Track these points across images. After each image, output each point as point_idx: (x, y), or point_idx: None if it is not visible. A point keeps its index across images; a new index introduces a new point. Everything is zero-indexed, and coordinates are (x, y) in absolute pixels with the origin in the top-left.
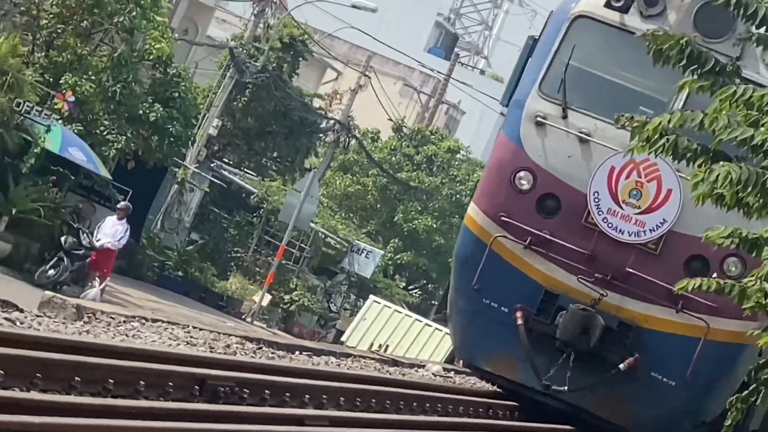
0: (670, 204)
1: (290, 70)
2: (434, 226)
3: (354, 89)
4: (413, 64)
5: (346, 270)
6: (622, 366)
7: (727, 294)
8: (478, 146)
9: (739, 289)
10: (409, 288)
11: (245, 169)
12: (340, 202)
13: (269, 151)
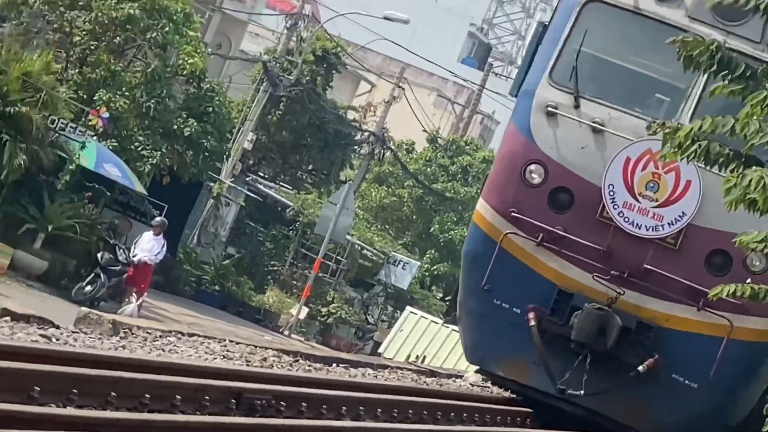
0: (690, 196)
1: (324, 83)
2: None
3: (388, 101)
4: (447, 75)
5: (383, 282)
6: (641, 368)
7: (761, 300)
8: None
9: None
10: (446, 299)
11: (280, 183)
12: (375, 213)
13: (304, 164)
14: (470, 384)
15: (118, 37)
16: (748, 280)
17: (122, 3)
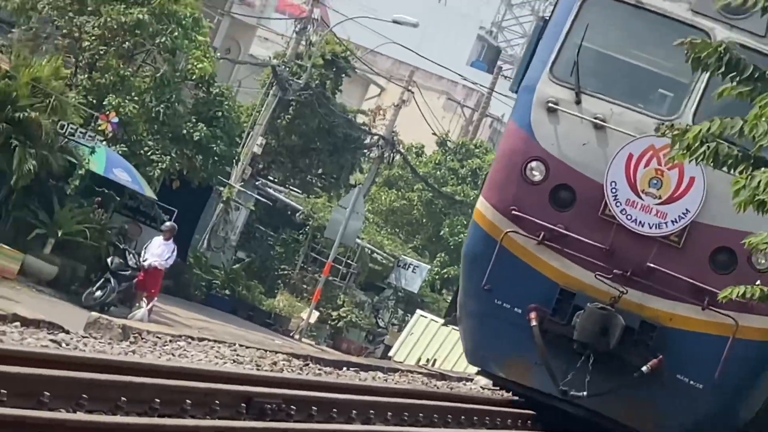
0: (693, 193)
1: (333, 87)
2: None
3: (397, 104)
4: (456, 78)
5: (393, 285)
6: (644, 368)
7: None
8: None
9: None
10: None
11: (290, 187)
12: (385, 217)
13: (314, 168)
14: (480, 387)
15: (127, 42)
16: (758, 282)
17: (131, 8)
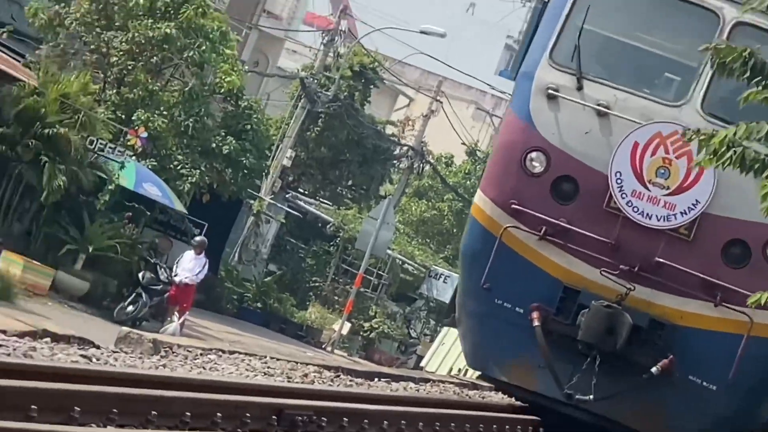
0: (704, 182)
1: (362, 98)
2: None
3: (426, 115)
4: (485, 88)
5: (425, 296)
6: (654, 369)
7: None
8: None
9: None
10: None
11: (320, 199)
12: (416, 227)
13: (344, 179)
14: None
15: (155, 57)
16: None
17: (159, 23)
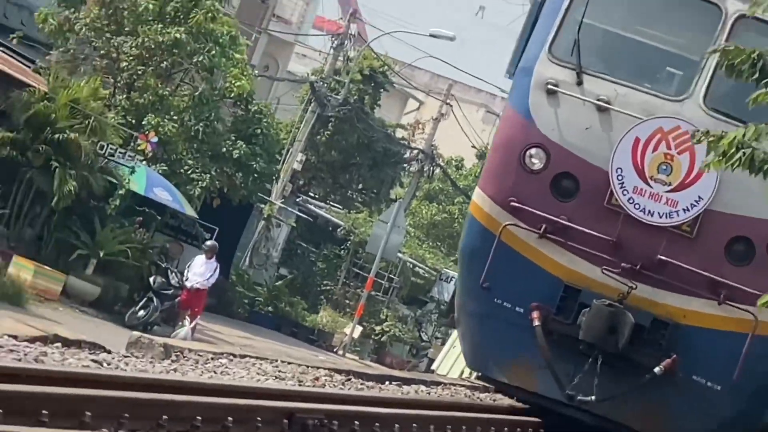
0: (706, 179)
1: (372, 102)
2: None
3: (436, 118)
4: (495, 91)
5: (436, 299)
6: (657, 370)
7: None
8: None
9: None
10: None
11: (331, 203)
12: (427, 231)
13: (354, 183)
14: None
15: (165, 62)
16: None
17: (168, 28)
